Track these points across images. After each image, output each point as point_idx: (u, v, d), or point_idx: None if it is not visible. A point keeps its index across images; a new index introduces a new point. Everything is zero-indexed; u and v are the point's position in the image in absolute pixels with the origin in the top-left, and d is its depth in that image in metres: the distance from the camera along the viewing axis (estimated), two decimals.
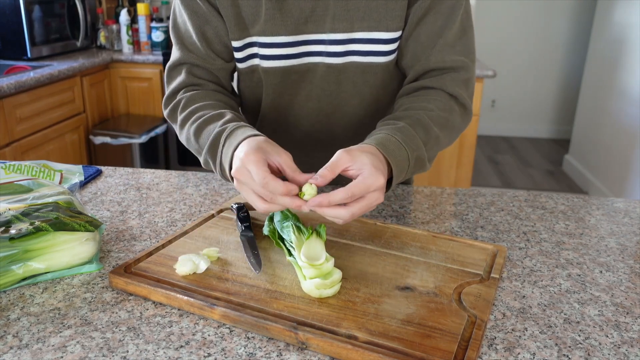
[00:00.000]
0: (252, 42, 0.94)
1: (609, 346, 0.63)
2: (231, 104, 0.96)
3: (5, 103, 2.22)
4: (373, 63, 0.94)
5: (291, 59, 0.95)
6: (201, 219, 0.89)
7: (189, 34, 0.94)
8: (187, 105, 0.91)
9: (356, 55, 0.94)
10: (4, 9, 2.64)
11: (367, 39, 0.92)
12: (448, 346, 0.59)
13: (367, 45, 0.92)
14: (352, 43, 0.92)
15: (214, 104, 0.90)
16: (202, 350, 0.60)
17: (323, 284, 0.66)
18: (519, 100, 5.14)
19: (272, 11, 0.90)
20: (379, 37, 0.91)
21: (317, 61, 0.95)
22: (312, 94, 0.99)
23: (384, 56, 0.94)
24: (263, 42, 0.93)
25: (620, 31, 3.56)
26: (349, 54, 0.94)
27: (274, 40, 0.92)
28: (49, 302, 0.68)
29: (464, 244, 0.83)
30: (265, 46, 0.93)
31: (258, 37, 0.93)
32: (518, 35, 4.93)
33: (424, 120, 0.85)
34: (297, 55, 0.95)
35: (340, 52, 0.93)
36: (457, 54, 0.92)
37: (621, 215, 1.01)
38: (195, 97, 0.92)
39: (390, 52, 0.94)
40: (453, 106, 0.90)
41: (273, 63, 0.95)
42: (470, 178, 3.03)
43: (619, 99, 3.49)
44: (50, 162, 1.03)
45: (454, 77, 0.92)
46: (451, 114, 0.90)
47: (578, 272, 0.79)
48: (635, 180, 3.18)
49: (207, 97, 0.92)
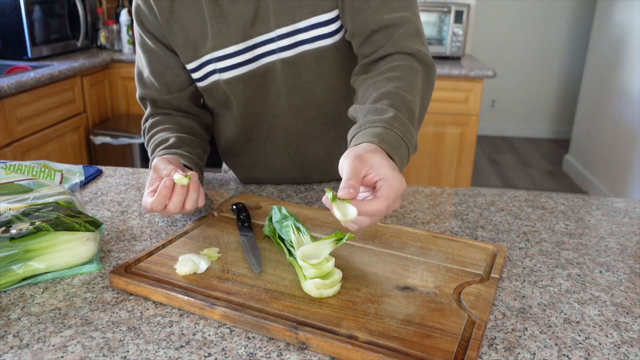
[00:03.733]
0: (207, 60, 0.98)
1: (609, 346, 0.63)
2: (189, 124, 1.06)
3: (5, 103, 2.22)
4: (322, 47, 0.96)
5: (248, 64, 0.98)
6: (201, 219, 0.89)
7: (145, 71, 1.04)
8: (147, 131, 1.04)
9: (305, 44, 0.96)
10: (4, 9, 2.64)
11: (310, 25, 0.94)
12: (448, 346, 0.59)
13: (311, 31, 0.95)
14: (298, 33, 0.95)
15: (168, 127, 1.02)
16: (203, 350, 0.60)
17: (323, 284, 0.66)
18: (519, 100, 5.14)
19: (217, 26, 0.94)
20: (319, 20, 0.94)
21: (272, 59, 0.97)
22: (279, 93, 1.01)
23: (330, 37, 0.96)
24: (217, 57, 0.97)
25: (620, 31, 3.56)
26: (298, 44, 0.96)
27: (227, 52, 0.96)
28: (49, 302, 0.68)
29: (464, 244, 0.83)
30: (220, 60, 0.97)
31: (212, 54, 0.97)
32: (518, 35, 4.93)
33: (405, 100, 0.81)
34: (253, 60, 0.98)
35: (290, 44, 0.96)
36: (394, 11, 0.89)
37: (621, 215, 1.01)
38: (155, 123, 1.04)
39: (334, 32, 0.96)
40: (416, 66, 0.87)
41: (232, 73, 0.98)
42: (470, 178, 3.04)
43: (619, 99, 3.49)
44: (50, 162, 1.03)
45: (402, 34, 0.88)
46: (416, 75, 0.86)
47: (578, 272, 0.79)
48: (635, 180, 3.18)
49: (166, 122, 1.04)
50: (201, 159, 1.01)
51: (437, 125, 2.92)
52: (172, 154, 0.93)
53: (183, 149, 0.96)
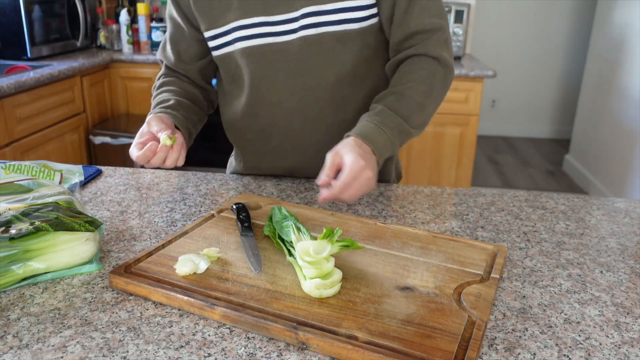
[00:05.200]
0: (227, 30, 1.01)
1: (610, 346, 0.63)
2: (193, 92, 1.13)
3: (5, 103, 2.22)
4: (347, 30, 0.98)
5: (266, 37, 1.00)
6: (201, 219, 0.89)
7: (167, 37, 1.13)
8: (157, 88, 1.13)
9: (331, 25, 0.97)
10: (4, 8, 2.64)
11: (340, 8, 0.96)
12: (448, 346, 0.59)
13: (340, 14, 0.96)
14: (325, 14, 0.96)
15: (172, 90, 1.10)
16: (202, 350, 0.60)
17: (323, 284, 0.66)
18: (519, 100, 5.14)
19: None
20: (348, 5, 0.96)
21: (294, 37, 0.99)
22: (292, 70, 1.02)
23: (356, 23, 0.98)
24: (236, 26, 1.00)
25: (620, 31, 3.56)
26: (323, 24, 0.97)
27: (247, 22, 0.99)
28: (49, 302, 0.68)
29: (464, 244, 0.83)
30: (239, 29, 1.00)
31: (231, 24, 1.00)
32: (518, 35, 4.93)
33: (405, 95, 0.95)
34: (273, 34, 0.99)
35: (315, 23, 0.97)
36: (433, 17, 0.97)
37: (621, 215, 1.01)
38: (164, 83, 1.13)
39: (361, 18, 0.98)
40: (437, 69, 0.98)
41: (249, 43, 1.01)
42: (470, 178, 3.03)
43: (619, 99, 3.49)
44: (50, 162, 1.03)
45: (435, 39, 0.97)
46: (434, 78, 0.96)
47: (578, 272, 0.79)
48: (635, 180, 3.18)
49: (173, 84, 1.12)
50: (194, 126, 1.09)
51: (437, 125, 2.92)
52: (168, 114, 1.01)
53: (179, 112, 1.04)
